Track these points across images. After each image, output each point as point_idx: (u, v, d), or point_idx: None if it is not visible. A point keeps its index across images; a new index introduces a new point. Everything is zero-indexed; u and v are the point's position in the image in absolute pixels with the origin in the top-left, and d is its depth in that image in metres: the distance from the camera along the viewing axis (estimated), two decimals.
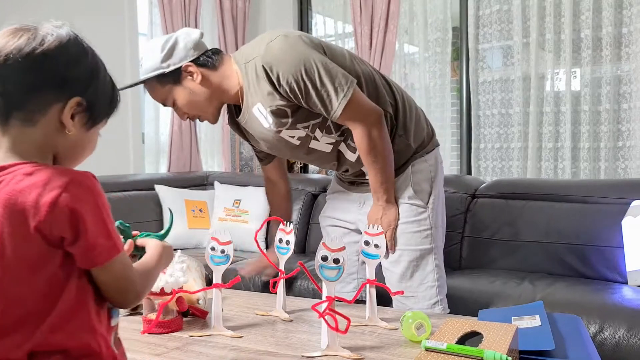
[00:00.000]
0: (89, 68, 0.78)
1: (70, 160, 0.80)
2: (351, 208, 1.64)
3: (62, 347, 0.72)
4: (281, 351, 1.07)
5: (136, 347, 1.09)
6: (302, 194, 2.98)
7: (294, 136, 1.48)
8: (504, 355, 0.86)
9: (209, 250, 1.19)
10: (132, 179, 3.09)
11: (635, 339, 1.68)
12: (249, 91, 1.44)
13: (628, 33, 2.80)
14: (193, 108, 1.49)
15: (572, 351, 1.04)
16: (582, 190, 2.36)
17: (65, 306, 0.72)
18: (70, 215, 0.70)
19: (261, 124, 1.47)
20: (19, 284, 0.70)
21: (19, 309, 0.71)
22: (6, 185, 0.71)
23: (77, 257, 0.72)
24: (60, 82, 0.74)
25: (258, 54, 1.39)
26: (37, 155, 0.75)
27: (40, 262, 0.71)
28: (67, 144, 0.77)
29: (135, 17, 3.32)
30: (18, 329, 0.70)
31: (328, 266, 1.04)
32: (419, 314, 1.12)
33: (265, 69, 1.37)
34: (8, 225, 0.70)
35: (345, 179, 1.66)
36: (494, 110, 3.19)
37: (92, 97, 0.77)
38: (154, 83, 1.46)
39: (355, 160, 1.53)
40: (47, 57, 0.73)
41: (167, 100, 1.48)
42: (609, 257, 2.17)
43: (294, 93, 1.37)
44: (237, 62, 1.46)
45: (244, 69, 1.44)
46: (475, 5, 3.17)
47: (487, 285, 2.08)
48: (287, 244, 1.36)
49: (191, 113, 1.50)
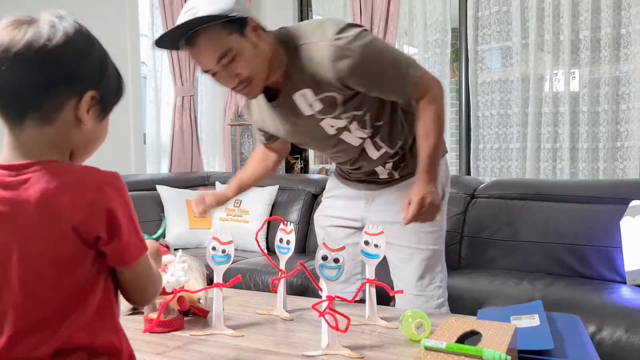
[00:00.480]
0: (98, 60, 0.77)
1: (86, 153, 0.79)
2: (356, 205, 1.60)
3: (87, 344, 0.72)
4: (282, 350, 1.08)
5: (138, 346, 1.09)
6: (302, 194, 2.99)
7: (333, 125, 1.43)
8: (503, 355, 0.86)
9: (210, 250, 1.20)
10: (134, 179, 3.10)
11: (634, 338, 1.69)
12: (296, 75, 1.34)
13: (627, 34, 2.81)
14: (253, 65, 1.29)
15: (571, 350, 1.04)
16: (580, 191, 2.37)
17: (94, 305, 0.72)
18: (107, 215, 0.70)
19: (301, 110, 1.39)
20: (48, 285, 0.70)
21: (45, 309, 0.70)
22: (35, 185, 0.69)
23: (111, 256, 0.73)
24: (74, 77, 0.73)
25: (320, 40, 1.29)
26: (57, 153, 0.73)
27: (74, 262, 0.71)
28: (82, 138, 0.76)
29: (137, 19, 3.33)
30: (42, 328, 0.70)
31: (328, 266, 1.05)
32: (419, 313, 1.12)
33: (333, 56, 1.28)
34: (42, 225, 0.69)
35: (352, 177, 1.62)
36: (492, 111, 3.20)
37: (104, 89, 0.76)
38: (217, 29, 1.23)
39: (376, 158, 1.50)
40: (59, 53, 0.71)
41: (229, 51, 1.25)
42: (607, 257, 2.18)
43: (365, 80, 1.32)
44: (283, 43, 1.34)
45: (294, 51, 1.32)
46: (474, 7, 3.18)
47: (486, 284, 2.09)
48: (287, 244, 1.37)
49: (248, 71, 1.29)
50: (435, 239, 1.52)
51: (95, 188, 0.70)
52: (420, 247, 1.50)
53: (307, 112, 1.39)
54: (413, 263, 1.50)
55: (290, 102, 1.39)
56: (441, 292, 1.52)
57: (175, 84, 3.52)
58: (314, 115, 1.39)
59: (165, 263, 1.22)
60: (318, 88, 1.34)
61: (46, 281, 0.70)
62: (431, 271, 1.51)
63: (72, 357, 0.71)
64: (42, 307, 0.70)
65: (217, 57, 1.26)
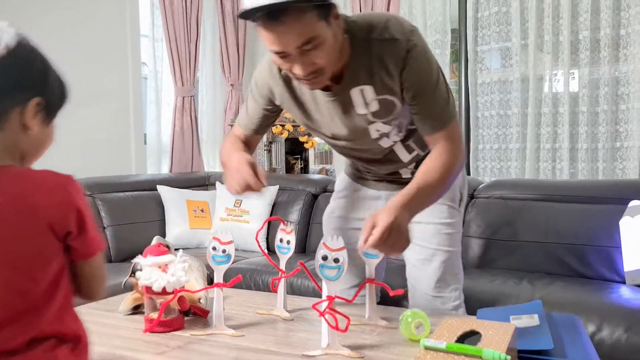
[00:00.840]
0: (41, 68, 0.82)
1: (34, 157, 0.85)
2: (374, 205, 1.54)
3: (56, 333, 0.79)
4: (282, 350, 1.08)
5: (138, 346, 1.10)
6: (302, 194, 2.99)
7: (379, 130, 1.36)
8: (502, 354, 0.87)
9: (211, 250, 1.20)
10: (134, 180, 3.10)
11: (634, 338, 1.69)
12: (360, 69, 1.26)
13: (626, 35, 2.81)
14: (331, 56, 1.19)
15: (570, 350, 1.04)
16: (580, 191, 2.37)
17: (61, 296, 0.79)
18: (76, 212, 0.78)
19: (354, 107, 1.31)
20: (26, 278, 0.76)
21: (24, 301, 0.76)
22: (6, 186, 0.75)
23: (78, 249, 0.81)
24: (19, 86, 0.78)
25: (395, 38, 1.22)
26: (8, 157, 0.79)
27: (49, 256, 0.77)
28: (30, 142, 0.81)
29: (137, 19, 3.33)
30: (20, 319, 0.75)
31: (328, 266, 1.05)
32: (419, 313, 1.13)
33: (407, 56, 1.22)
34: (19, 223, 0.75)
35: (370, 177, 1.55)
36: (492, 112, 3.20)
37: (49, 95, 0.82)
38: (309, 11, 1.12)
39: (407, 160, 1.45)
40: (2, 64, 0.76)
41: (314, 39, 1.14)
42: (607, 257, 2.19)
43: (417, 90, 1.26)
44: (351, 33, 1.24)
45: (363, 43, 1.24)
46: (474, 7, 3.18)
47: (486, 284, 2.09)
48: (287, 244, 1.37)
49: (324, 62, 1.18)
50: (456, 241, 1.50)
51: (62, 188, 0.78)
52: (442, 249, 1.47)
53: (360, 110, 1.31)
54: (433, 264, 1.47)
55: (345, 97, 1.30)
56: (458, 294, 1.50)
57: (175, 85, 3.53)
58: (366, 115, 1.32)
59: (166, 263, 1.22)
60: (380, 87, 1.27)
61: (24, 275, 0.76)
62: (450, 273, 1.48)
63: (44, 345, 0.77)
64: (21, 300, 0.75)
65: (302, 42, 1.13)
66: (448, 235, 1.48)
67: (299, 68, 1.18)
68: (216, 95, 3.91)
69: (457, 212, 1.51)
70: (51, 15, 2.85)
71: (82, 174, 2.93)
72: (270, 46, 1.17)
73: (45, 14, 2.83)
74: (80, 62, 3.00)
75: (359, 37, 1.24)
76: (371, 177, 1.55)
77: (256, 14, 1.12)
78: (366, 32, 1.24)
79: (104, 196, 2.83)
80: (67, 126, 3.48)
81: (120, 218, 2.82)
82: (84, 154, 3.03)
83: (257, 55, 4.15)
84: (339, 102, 1.32)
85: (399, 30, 1.23)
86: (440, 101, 1.28)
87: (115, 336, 1.16)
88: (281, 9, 1.09)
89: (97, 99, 3.09)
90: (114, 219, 2.80)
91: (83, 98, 3.02)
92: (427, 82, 1.25)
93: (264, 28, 1.14)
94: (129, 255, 2.73)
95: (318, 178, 3.18)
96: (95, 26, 3.06)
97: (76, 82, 3.50)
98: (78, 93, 3.67)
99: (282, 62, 1.20)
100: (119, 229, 2.80)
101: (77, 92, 3.65)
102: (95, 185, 2.84)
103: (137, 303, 1.32)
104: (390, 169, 1.50)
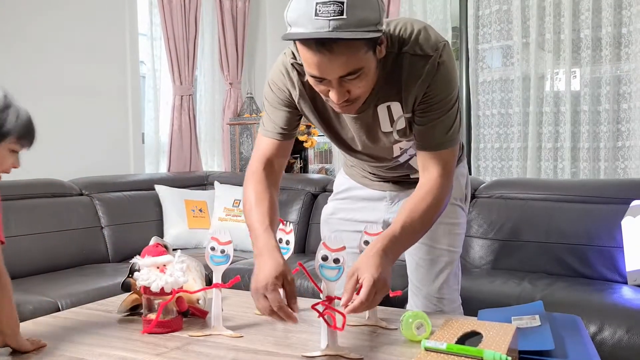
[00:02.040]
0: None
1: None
2: (378, 206, 1.51)
3: None
4: (281, 351, 1.07)
5: (136, 347, 1.09)
6: (302, 194, 2.98)
7: (402, 148, 1.32)
8: (503, 355, 0.86)
9: (209, 250, 1.19)
10: (132, 179, 3.10)
11: (635, 338, 1.68)
12: (390, 84, 1.19)
13: (628, 33, 2.80)
14: (369, 85, 1.14)
15: (571, 351, 1.04)
16: (581, 190, 2.37)
17: None
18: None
19: (379, 125, 1.26)
20: None
21: None
22: None
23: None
24: None
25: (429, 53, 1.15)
26: None
27: None
28: None
29: (136, 18, 3.33)
30: None
31: (328, 266, 1.04)
32: (419, 313, 1.12)
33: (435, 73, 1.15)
34: None
35: (376, 178, 1.50)
36: (493, 110, 3.20)
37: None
38: (360, 42, 1.04)
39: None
40: None
41: (359, 70, 1.07)
42: (608, 257, 2.18)
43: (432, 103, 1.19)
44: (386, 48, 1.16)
45: (396, 58, 1.17)
46: (474, 6, 3.18)
47: (487, 285, 2.08)
48: (287, 244, 1.36)
49: (361, 92, 1.12)
50: (461, 241, 1.48)
51: None
52: (451, 249, 1.44)
53: (385, 128, 1.26)
54: (439, 265, 1.44)
55: (370, 113, 1.23)
56: (457, 296, 1.49)
57: (174, 84, 3.52)
58: (391, 133, 1.26)
59: (164, 263, 1.21)
60: (407, 105, 1.20)
61: None
62: (454, 274, 1.47)
63: None
64: None
65: (346, 72, 1.06)
66: (457, 235, 1.47)
67: (334, 95, 1.10)
68: (215, 94, 3.90)
69: (464, 212, 1.50)
70: (49, 14, 2.84)
71: (79, 173, 2.94)
72: (310, 69, 1.08)
73: (43, 13, 2.81)
74: (79, 61, 2.99)
75: (392, 51, 1.17)
76: (376, 179, 1.51)
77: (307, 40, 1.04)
78: (398, 47, 1.17)
79: (101, 196, 2.82)
80: (65, 125, 3.47)
81: (118, 218, 2.81)
82: (82, 153, 3.02)
83: (255, 54, 4.15)
84: (363, 119, 1.25)
85: (432, 45, 1.16)
86: (448, 121, 1.21)
87: (113, 337, 1.16)
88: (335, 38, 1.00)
89: (95, 97, 3.08)
90: (112, 218, 2.79)
91: (81, 97, 3.02)
92: (444, 100, 1.19)
93: (308, 50, 1.04)
94: (126, 256, 2.73)
95: (317, 177, 3.18)
96: (94, 25, 3.05)
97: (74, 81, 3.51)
98: (76, 92, 3.68)
99: (317, 85, 1.12)
100: (117, 229, 2.79)
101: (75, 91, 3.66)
102: (93, 185, 2.83)
103: (135, 304, 1.31)
104: (400, 174, 1.47)
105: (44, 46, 2.81)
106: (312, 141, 3.74)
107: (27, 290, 2.08)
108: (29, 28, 2.76)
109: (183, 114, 3.56)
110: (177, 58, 3.48)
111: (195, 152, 3.65)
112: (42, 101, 2.83)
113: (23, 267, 2.36)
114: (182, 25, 3.47)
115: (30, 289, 2.11)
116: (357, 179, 1.55)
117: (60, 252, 2.52)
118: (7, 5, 2.69)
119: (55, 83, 2.89)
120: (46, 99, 2.84)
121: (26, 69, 2.76)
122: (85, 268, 2.53)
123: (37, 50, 2.79)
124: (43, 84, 2.83)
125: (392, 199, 1.50)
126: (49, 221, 2.53)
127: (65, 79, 2.93)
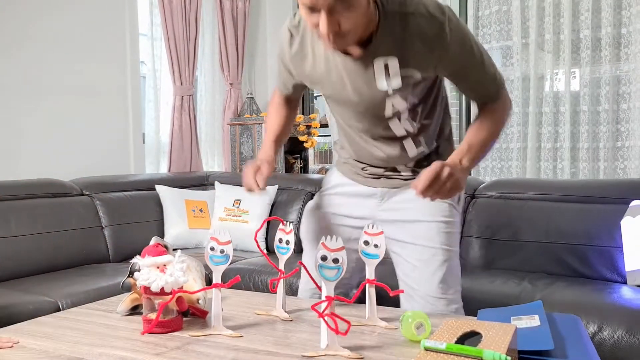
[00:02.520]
0: None
1: None
2: (367, 203, 1.52)
3: None
4: (281, 351, 1.07)
5: (136, 347, 1.10)
6: (301, 193, 2.99)
7: (394, 105, 1.35)
8: (503, 355, 0.86)
9: (209, 250, 1.20)
10: (133, 179, 3.10)
11: (635, 338, 1.68)
12: (387, 40, 1.25)
13: (627, 34, 2.81)
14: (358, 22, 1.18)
15: (571, 351, 1.04)
16: (581, 191, 2.37)
17: None
18: None
19: (374, 79, 1.30)
20: None
21: None
22: None
23: None
24: None
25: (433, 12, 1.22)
26: None
27: None
28: None
29: (136, 18, 3.33)
30: None
31: (327, 266, 1.04)
32: (419, 313, 1.12)
33: (446, 32, 1.22)
34: None
35: (367, 174, 1.52)
36: None
37: None
38: None
39: (412, 156, 1.45)
40: None
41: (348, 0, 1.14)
42: (608, 257, 2.18)
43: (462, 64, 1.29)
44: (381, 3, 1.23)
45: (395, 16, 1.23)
46: (474, 6, 3.18)
47: (487, 285, 2.08)
48: (287, 244, 1.37)
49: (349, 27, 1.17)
50: (456, 241, 1.47)
51: None
52: (444, 248, 1.44)
53: (381, 84, 1.30)
54: (435, 264, 1.43)
55: (367, 67, 1.29)
56: (457, 296, 1.47)
57: (174, 84, 3.52)
58: (388, 89, 1.31)
59: (164, 263, 1.21)
60: (406, 61, 1.26)
61: None
62: (451, 274, 1.45)
63: None
64: None
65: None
66: (449, 234, 1.46)
67: (323, 25, 1.15)
68: (215, 95, 3.90)
69: (457, 211, 1.50)
70: (50, 14, 2.84)
71: (80, 173, 2.94)
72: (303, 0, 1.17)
73: (44, 13, 2.82)
74: (79, 61, 2.99)
75: (390, 8, 1.23)
76: (368, 174, 1.52)
77: None
78: (399, 5, 1.23)
79: (102, 196, 2.82)
80: (66, 125, 3.48)
81: (119, 218, 2.82)
82: (82, 153, 3.02)
83: (256, 54, 4.15)
84: (359, 72, 1.30)
85: (435, 6, 1.23)
86: (490, 69, 1.34)
87: (113, 337, 1.16)
88: None
89: (96, 97, 3.08)
90: (112, 218, 2.79)
91: (81, 97, 3.02)
92: (470, 55, 1.28)
93: None
94: (127, 256, 2.73)
95: (317, 178, 3.18)
96: (94, 25, 3.06)
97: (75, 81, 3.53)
98: (76, 92, 3.69)
99: (309, 17, 1.18)
100: (117, 229, 2.80)
101: (76, 91, 3.67)
102: (94, 185, 2.84)
103: (135, 304, 1.31)
104: (390, 165, 1.48)
105: (44, 46, 2.81)
106: (312, 141, 3.74)
107: (27, 290, 2.08)
108: (30, 28, 2.76)
109: (183, 114, 3.56)
110: (177, 58, 3.48)
111: (196, 152, 3.65)
112: (43, 101, 2.83)
113: (23, 267, 2.36)
114: (182, 26, 3.47)
115: (30, 289, 2.11)
116: (350, 176, 1.56)
117: (60, 252, 2.53)
118: (8, 5, 2.70)
119: (55, 83, 2.89)
120: (47, 99, 2.85)
121: (27, 69, 2.76)
122: (86, 268, 2.53)
123: (38, 51, 2.79)
124: (44, 84, 2.83)
125: (383, 196, 1.50)
126: (50, 221, 2.53)
127: (65, 79, 2.93)
